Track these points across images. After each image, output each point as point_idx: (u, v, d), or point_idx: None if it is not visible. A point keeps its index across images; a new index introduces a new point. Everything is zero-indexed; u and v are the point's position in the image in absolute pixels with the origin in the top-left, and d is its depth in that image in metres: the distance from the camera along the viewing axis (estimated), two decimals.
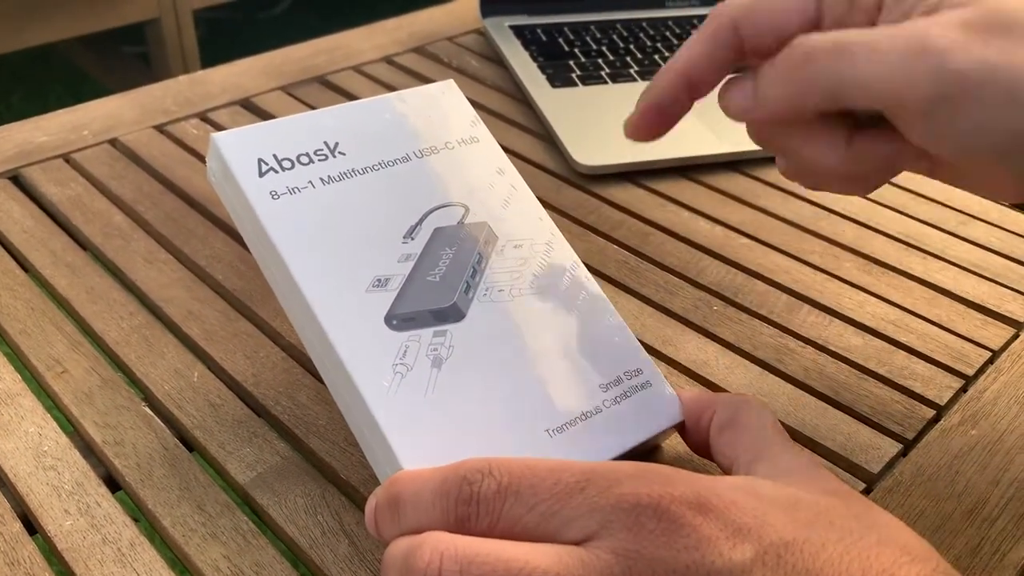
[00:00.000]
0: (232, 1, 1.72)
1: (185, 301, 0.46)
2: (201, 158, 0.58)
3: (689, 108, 0.36)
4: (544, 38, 0.74)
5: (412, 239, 0.37)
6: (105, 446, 0.38)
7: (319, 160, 0.37)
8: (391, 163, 0.38)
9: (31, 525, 0.35)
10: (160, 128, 0.61)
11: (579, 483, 0.27)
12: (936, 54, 0.28)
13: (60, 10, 1.49)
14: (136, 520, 0.35)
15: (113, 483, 0.37)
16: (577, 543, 0.27)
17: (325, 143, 0.38)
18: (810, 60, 0.30)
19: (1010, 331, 0.46)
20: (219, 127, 0.62)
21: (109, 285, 0.47)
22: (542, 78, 0.67)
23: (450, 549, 0.26)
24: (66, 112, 0.63)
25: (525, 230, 0.39)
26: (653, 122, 0.36)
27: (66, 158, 0.58)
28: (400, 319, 0.34)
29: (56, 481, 0.36)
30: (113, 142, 0.60)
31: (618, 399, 0.36)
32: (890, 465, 0.38)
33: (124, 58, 1.87)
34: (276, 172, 0.36)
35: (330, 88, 0.68)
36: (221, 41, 2.19)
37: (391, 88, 0.68)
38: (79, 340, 0.44)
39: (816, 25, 0.33)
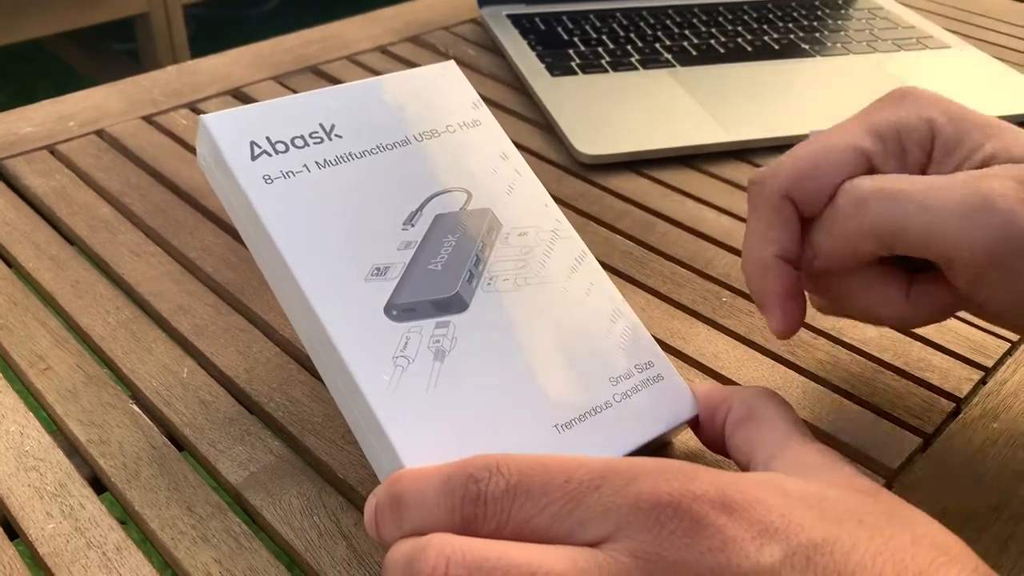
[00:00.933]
0: None
1: (174, 295, 0.44)
2: (191, 149, 0.57)
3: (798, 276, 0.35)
4: (542, 27, 0.72)
5: (412, 226, 0.35)
6: (90, 445, 0.36)
7: (314, 143, 0.36)
8: (390, 147, 0.37)
9: (12, 529, 0.33)
10: (148, 119, 0.60)
11: (594, 481, 0.26)
12: (998, 212, 0.28)
13: (48, 5, 1.46)
14: (123, 523, 0.33)
15: (98, 484, 0.35)
16: (592, 545, 0.25)
17: (321, 125, 0.36)
18: (861, 206, 0.31)
19: None
20: None
21: (95, 279, 0.45)
22: (541, 67, 0.66)
23: (456, 553, 0.25)
24: (51, 103, 0.61)
25: (530, 217, 0.37)
26: (793, 313, 0.34)
27: (51, 149, 0.56)
28: (400, 309, 0.33)
29: (38, 482, 0.35)
30: (100, 133, 0.58)
31: (629, 393, 0.34)
32: (910, 460, 0.37)
33: (113, 54, 1.85)
34: (269, 155, 0.35)
35: (323, 78, 0.66)
36: (211, 37, 2.17)
37: None
38: (64, 336, 0.42)
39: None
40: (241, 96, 0.63)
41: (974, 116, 0.33)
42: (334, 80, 0.66)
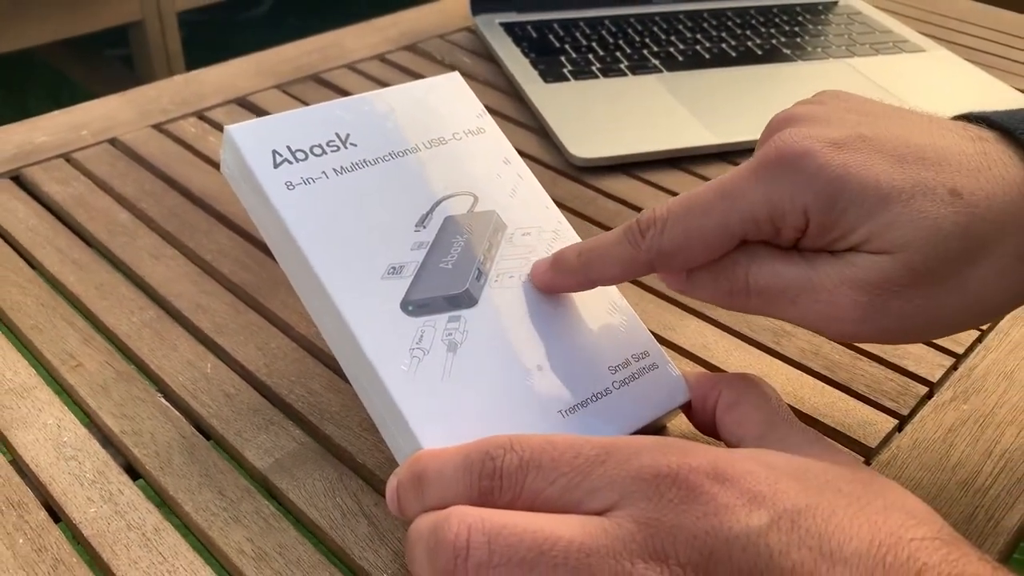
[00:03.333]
0: (214, 3, 1.72)
1: (193, 295, 0.47)
2: (200, 156, 0.59)
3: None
4: (535, 35, 0.75)
5: (424, 227, 0.38)
6: (123, 436, 0.39)
7: (331, 151, 0.38)
8: (401, 154, 0.39)
9: (55, 514, 0.36)
10: (158, 127, 0.62)
11: (599, 456, 0.28)
12: (843, 322, 0.32)
13: (42, 14, 1.48)
14: (159, 508, 0.36)
15: (133, 472, 0.38)
16: (599, 513, 0.28)
17: (336, 134, 0.39)
18: (751, 294, 0.33)
19: None
20: (217, 125, 0.63)
21: (118, 281, 0.48)
22: (534, 74, 0.69)
23: (477, 521, 0.27)
24: (63, 113, 0.63)
25: (533, 218, 0.40)
26: (559, 287, 0.38)
27: (66, 158, 0.58)
28: (415, 305, 0.35)
29: (77, 470, 0.37)
30: (112, 141, 0.60)
31: (627, 380, 0.37)
32: (887, 440, 0.40)
33: (106, 61, 1.87)
34: (290, 163, 0.37)
35: (325, 85, 0.69)
36: (203, 43, 2.18)
37: (385, 85, 0.69)
38: (91, 335, 0.44)
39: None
40: (247, 104, 0.66)
41: (854, 191, 0.31)
42: (336, 88, 0.68)
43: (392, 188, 0.38)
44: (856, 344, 0.45)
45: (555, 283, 0.37)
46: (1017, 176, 0.31)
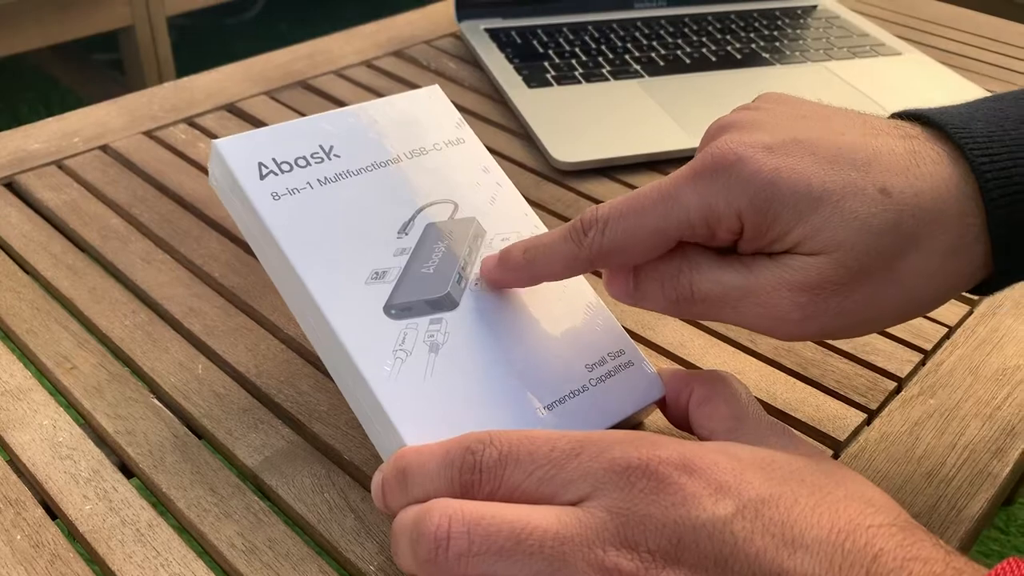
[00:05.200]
0: (203, 8, 1.73)
1: (185, 298, 0.48)
2: (191, 162, 0.60)
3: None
4: (519, 40, 0.76)
5: (406, 234, 0.39)
6: (117, 436, 0.40)
7: (316, 163, 0.40)
8: (383, 164, 0.41)
9: (51, 511, 0.37)
10: (149, 134, 0.63)
11: (574, 449, 0.30)
12: (784, 322, 0.33)
13: (32, 19, 1.49)
14: (153, 505, 0.37)
15: (127, 470, 0.39)
16: (573, 504, 0.29)
17: (320, 146, 0.40)
18: (695, 301, 0.34)
19: (965, 308, 0.49)
20: (207, 132, 0.64)
21: (110, 285, 0.49)
22: (518, 79, 0.70)
23: (457, 513, 0.29)
24: (55, 120, 0.65)
25: (511, 224, 0.41)
26: (505, 283, 0.39)
27: (59, 164, 0.60)
28: (398, 308, 0.37)
29: (73, 469, 0.38)
30: (104, 148, 0.62)
31: (603, 378, 0.38)
32: (855, 433, 0.41)
33: (96, 66, 1.88)
34: (276, 175, 0.38)
35: (313, 92, 0.70)
36: (191, 47, 2.20)
37: (372, 91, 0.70)
38: (85, 338, 0.45)
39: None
40: (236, 111, 0.67)
41: (786, 194, 0.32)
42: (324, 94, 0.70)
43: (375, 197, 0.40)
44: (827, 342, 0.46)
45: (502, 279, 0.38)
46: (944, 172, 0.32)
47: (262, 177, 0.38)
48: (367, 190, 0.40)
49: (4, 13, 1.47)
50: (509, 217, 0.42)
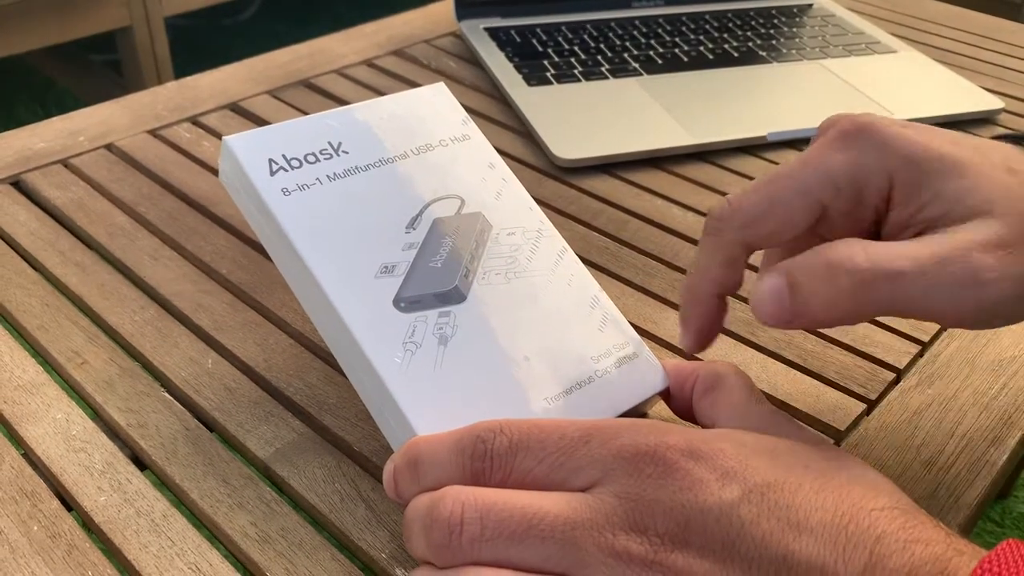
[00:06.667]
0: (200, 8, 1.73)
1: (193, 294, 0.49)
2: (196, 160, 0.61)
3: (726, 310, 0.38)
4: (518, 39, 0.77)
5: (414, 229, 0.40)
6: (130, 429, 0.41)
7: (324, 159, 0.40)
8: (390, 160, 0.41)
9: (67, 503, 0.38)
10: (154, 132, 0.64)
11: (583, 437, 0.31)
12: (987, 288, 0.30)
13: (30, 20, 1.49)
14: (165, 495, 0.38)
15: (140, 462, 0.40)
16: (583, 490, 0.30)
17: (329, 143, 0.41)
18: (863, 286, 0.31)
19: None
20: (211, 130, 0.64)
21: (119, 281, 0.50)
22: (518, 77, 0.71)
23: (470, 499, 0.30)
24: (60, 119, 0.65)
25: (517, 219, 0.42)
26: (706, 338, 0.38)
27: (65, 163, 0.60)
28: (407, 302, 0.37)
29: (87, 462, 0.39)
30: (109, 147, 0.62)
31: (608, 369, 0.39)
32: (856, 423, 0.42)
33: (92, 66, 1.88)
34: (286, 171, 0.39)
35: (315, 91, 0.71)
36: (188, 48, 2.20)
37: (374, 90, 0.71)
38: (95, 333, 0.46)
39: (822, 217, 0.34)
40: (239, 110, 0.67)
41: (932, 156, 0.32)
42: (325, 92, 0.70)
43: (383, 193, 0.40)
44: (826, 334, 0.47)
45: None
46: None
47: (272, 173, 0.39)
48: (375, 186, 0.40)
49: (2, 14, 1.47)
50: (514, 212, 0.42)
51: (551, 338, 0.39)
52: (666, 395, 0.40)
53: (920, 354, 0.46)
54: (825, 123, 0.36)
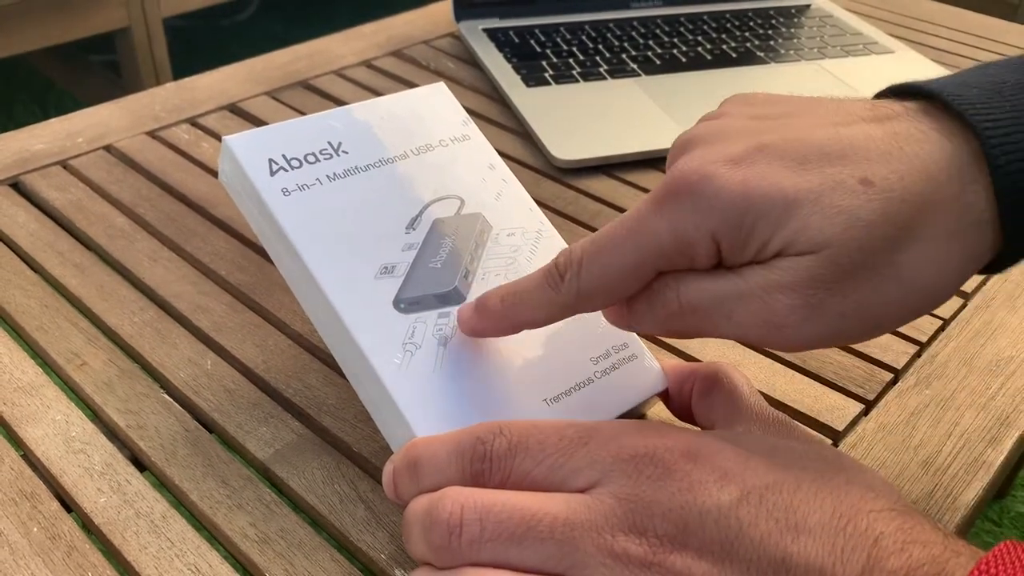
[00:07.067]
0: (197, 9, 1.73)
1: (192, 296, 0.49)
2: (194, 161, 0.61)
3: None
4: (516, 40, 0.77)
5: (414, 229, 0.40)
6: (129, 430, 0.41)
7: (324, 159, 0.40)
8: (390, 160, 0.41)
9: (66, 504, 0.38)
10: (152, 134, 0.64)
11: (582, 438, 0.31)
12: (780, 328, 0.31)
13: (29, 21, 1.49)
14: (165, 496, 0.38)
15: (139, 464, 0.40)
16: (582, 491, 0.30)
17: (329, 143, 0.41)
18: (685, 314, 0.32)
19: (959, 301, 0.50)
20: (209, 132, 0.64)
21: (118, 283, 0.50)
22: (517, 79, 0.71)
23: (469, 500, 0.30)
24: (58, 121, 0.65)
25: (517, 219, 0.42)
26: (484, 332, 0.37)
27: (63, 164, 0.60)
28: (407, 302, 0.38)
29: (86, 463, 0.39)
30: (108, 148, 0.62)
31: (607, 371, 0.39)
32: (853, 423, 0.42)
33: (91, 67, 1.88)
34: (286, 171, 0.39)
35: (313, 92, 0.71)
36: (186, 48, 2.20)
37: (372, 91, 0.71)
38: (95, 335, 0.46)
39: None
40: (238, 111, 0.67)
41: (756, 204, 0.30)
42: (324, 93, 0.70)
43: (382, 193, 0.40)
44: None
45: (479, 327, 0.36)
46: (932, 152, 0.30)
47: (272, 173, 0.39)
48: (375, 186, 0.40)
49: (1, 14, 1.47)
50: (515, 213, 0.42)
51: (550, 339, 0.39)
52: (665, 396, 0.40)
53: (918, 354, 0.46)
54: (670, 155, 0.35)
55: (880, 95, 0.35)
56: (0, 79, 2.04)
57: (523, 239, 0.41)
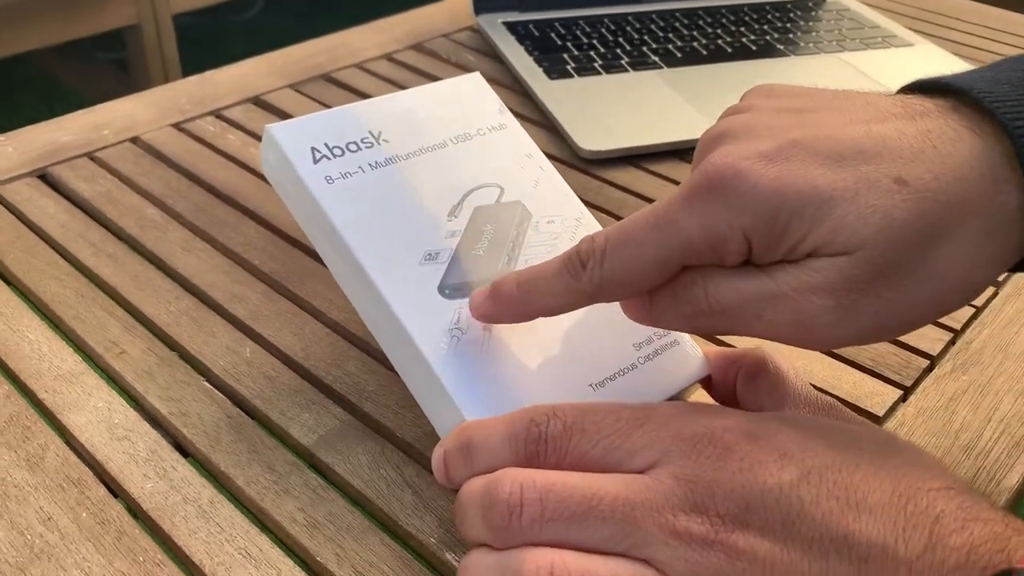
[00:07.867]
0: (206, 6, 1.73)
1: (227, 285, 0.49)
2: (221, 153, 0.61)
3: None
4: (536, 33, 0.77)
5: (455, 217, 0.40)
6: (171, 417, 0.41)
7: (366, 147, 0.40)
8: (430, 149, 0.42)
9: (112, 490, 0.38)
10: (178, 126, 0.64)
11: (638, 419, 0.31)
12: (811, 329, 0.30)
13: (38, 19, 1.49)
14: (211, 482, 0.38)
15: (183, 450, 0.40)
16: (640, 472, 0.30)
17: (370, 132, 0.41)
18: (714, 313, 0.32)
19: (991, 290, 0.50)
20: (235, 124, 0.64)
21: (152, 272, 0.50)
22: (539, 71, 0.71)
23: (528, 480, 0.30)
24: (84, 113, 0.65)
25: (556, 207, 0.42)
26: (497, 318, 0.36)
27: (91, 156, 0.60)
28: (452, 288, 0.38)
29: (131, 450, 0.39)
30: (134, 140, 0.62)
31: (650, 356, 0.39)
32: (892, 409, 0.42)
33: (99, 65, 1.88)
34: (329, 159, 0.39)
35: (336, 85, 0.71)
36: (195, 45, 2.20)
37: (394, 83, 0.71)
38: (131, 324, 0.46)
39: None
40: (261, 103, 0.67)
41: (791, 202, 0.30)
42: (346, 86, 0.70)
43: (424, 181, 0.40)
44: None
45: (493, 313, 0.36)
46: (965, 150, 0.30)
47: (315, 161, 0.39)
48: (416, 174, 0.40)
49: (9, 12, 1.47)
50: (553, 200, 0.42)
51: (593, 325, 0.39)
52: (707, 383, 0.40)
53: (952, 341, 0.47)
54: (698, 150, 0.34)
55: (905, 89, 0.34)
56: (7, 76, 2.04)
57: (562, 226, 0.42)
